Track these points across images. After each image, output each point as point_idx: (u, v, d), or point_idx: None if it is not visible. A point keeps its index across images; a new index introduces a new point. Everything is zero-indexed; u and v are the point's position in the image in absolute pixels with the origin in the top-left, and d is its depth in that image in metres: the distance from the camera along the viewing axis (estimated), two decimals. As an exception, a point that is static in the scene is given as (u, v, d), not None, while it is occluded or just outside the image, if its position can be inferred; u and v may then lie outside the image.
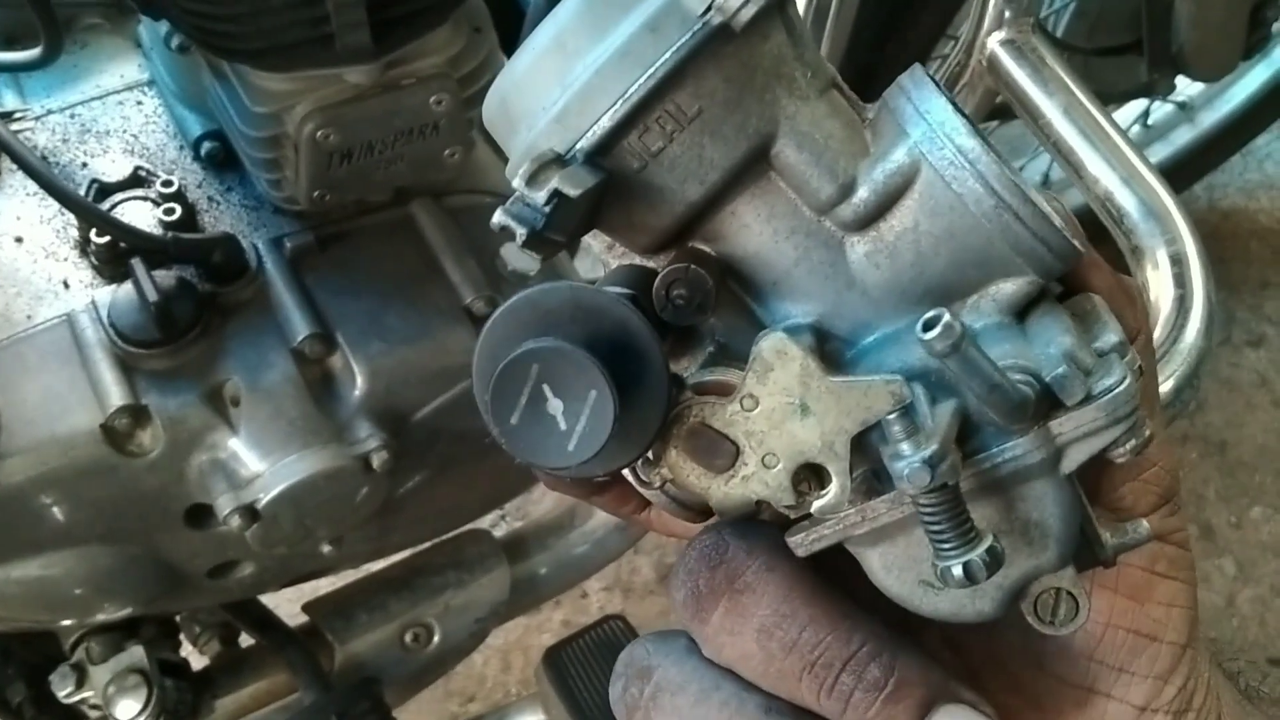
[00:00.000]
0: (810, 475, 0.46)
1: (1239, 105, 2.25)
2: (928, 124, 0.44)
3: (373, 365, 0.98)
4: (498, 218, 0.43)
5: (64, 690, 1.07)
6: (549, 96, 0.45)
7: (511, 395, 0.43)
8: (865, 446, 0.44)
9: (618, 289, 0.46)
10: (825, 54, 1.11)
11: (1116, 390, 0.42)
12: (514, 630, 1.95)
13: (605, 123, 0.44)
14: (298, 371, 0.96)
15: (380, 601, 1.23)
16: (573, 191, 0.43)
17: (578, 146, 0.45)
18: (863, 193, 0.45)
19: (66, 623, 1.06)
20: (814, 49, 0.47)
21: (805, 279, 0.47)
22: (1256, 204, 2.55)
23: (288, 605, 1.27)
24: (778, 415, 0.45)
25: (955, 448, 0.42)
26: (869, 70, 1.46)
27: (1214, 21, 1.52)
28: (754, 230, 0.47)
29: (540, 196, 0.43)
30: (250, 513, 0.94)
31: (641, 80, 0.44)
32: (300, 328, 0.96)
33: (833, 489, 0.45)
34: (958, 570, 0.42)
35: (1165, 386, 0.92)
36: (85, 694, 1.07)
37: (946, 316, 0.39)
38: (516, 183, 0.44)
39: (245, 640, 1.25)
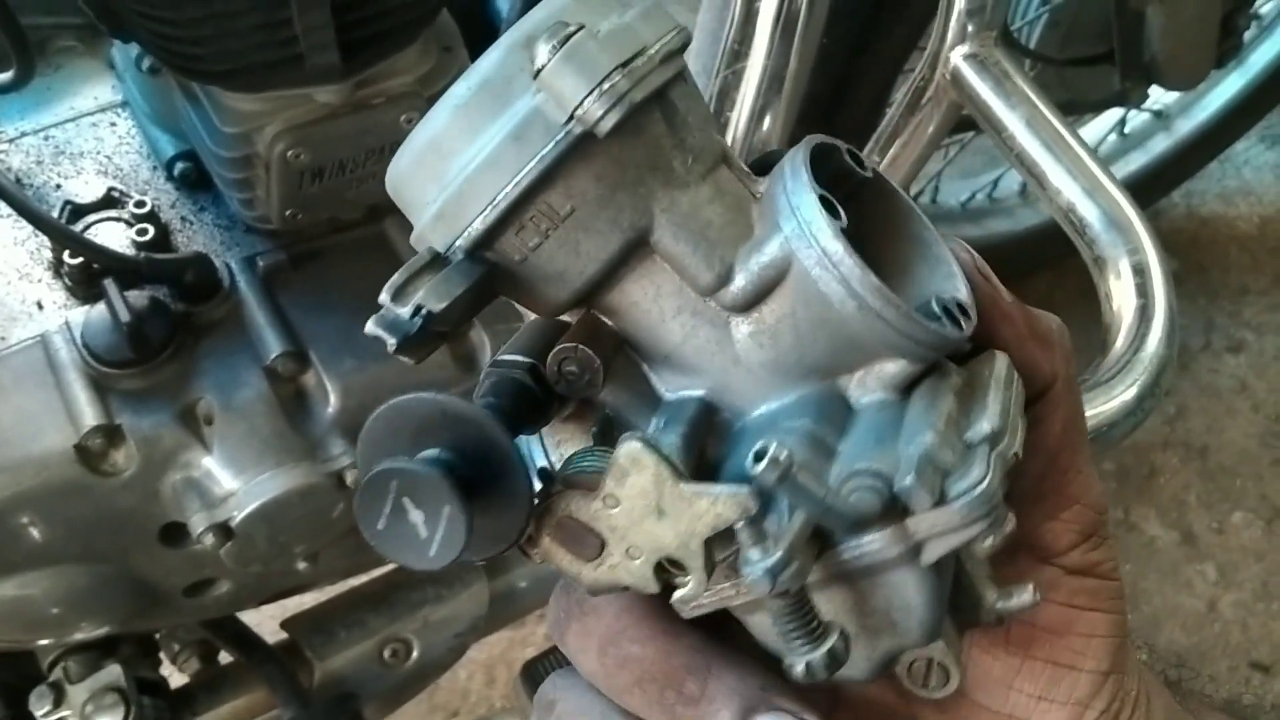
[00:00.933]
0: (674, 562, 0.47)
1: (1215, 113, 2.27)
2: (797, 220, 0.45)
3: (345, 382, 0.99)
4: (370, 327, 0.45)
5: (42, 709, 1.07)
6: (429, 194, 0.47)
7: (376, 505, 0.44)
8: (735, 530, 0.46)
9: (518, 357, 0.48)
10: (793, 69, 1.12)
11: (970, 494, 0.43)
12: (498, 644, 1.95)
13: (478, 225, 0.46)
14: (270, 389, 0.97)
15: (359, 617, 1.23)
16: (437, 306, 0.45)
17: (456, 244, 0.47)
18: (740, 280, 0.47)
19: (44, 642, 1.07)
20: (701, 129, 0.48)
21: (694, 356, 0.49)
22: (1235, 210, 2.57)
23: (270, 623, 1.28)
24: (636, 514, 0.46)
25: (807, 547, 0.43)
26: (841, 83, 1.47)
27: (1185, 31, 1.54)
28: (642, 308, 0.48)
29: (405, 311, 0.45)
30: (224, 531, 0.95)
31: (508, 188, 0.45)
32: (273, 346, 0.97)
33: (691, 583, 0.46)
34: (799, 668, 0.44)
35: (1128, 395, 0.93)
36: (63, 713, 1.07)
37: (773, 449, 0.41)
38: (383, 297, 0.46)
39: (225, 658, 1.25)
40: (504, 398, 0.47)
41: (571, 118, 0.44)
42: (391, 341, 0.45)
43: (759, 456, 0.41)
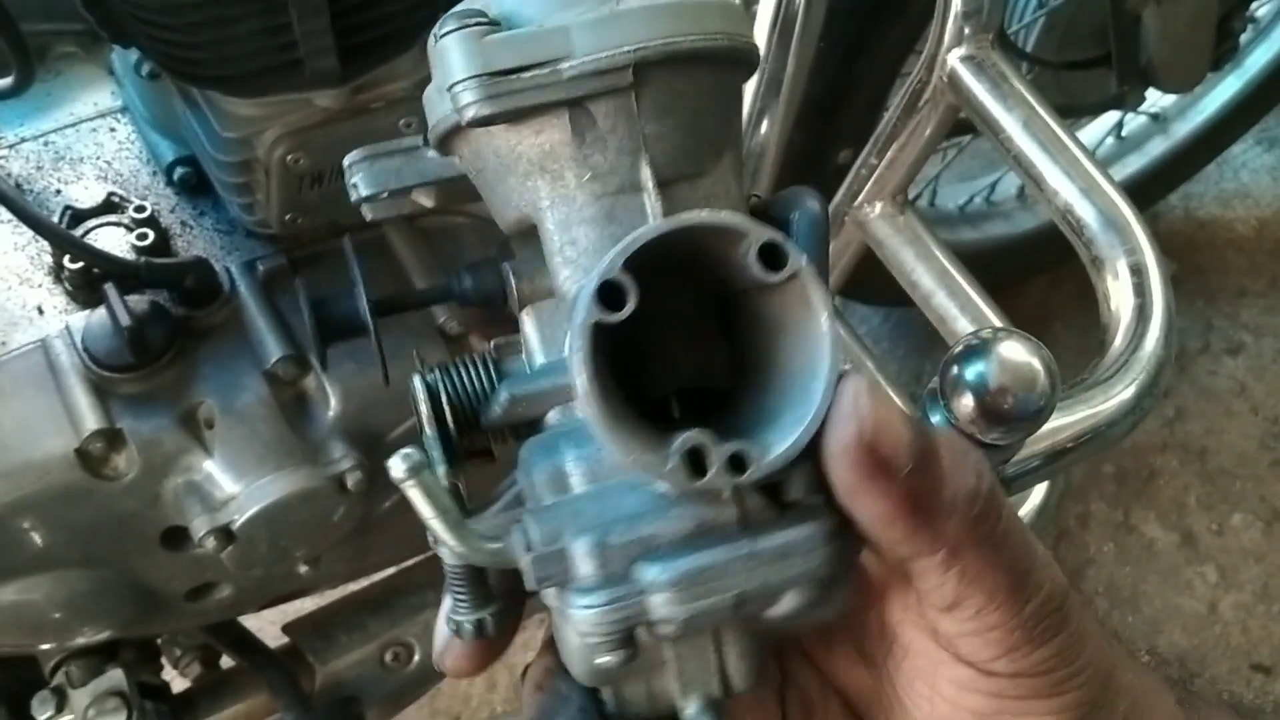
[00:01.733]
0: None
1: (1212, 115, 2.27)
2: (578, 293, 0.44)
3: (346, 386, 0.99)
4: (347, 173, 0.54)
5: (44, 714, 1.07)
6: None
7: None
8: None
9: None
10: (791, 72, 1.13)
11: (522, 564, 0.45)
12: (499, 649, 1.95)
13: (430, 136, 0.51)
14: (271, 393, 0.97)
15: (360, 621, 1.23)
16: (366, 189, 0.53)
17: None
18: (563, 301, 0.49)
19: (46, 646, 1.07)
20: (624, 153, 0.47)
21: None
22: (1233, 213, 2.57)
23: (271, 628, 1.28)
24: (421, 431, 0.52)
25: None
26: (838, 86, 1.48)
27: (1181, 34, 1.54)
28: (550, 270, 0.50)
29: (353, 177, 0.54)
30: (225, 534, 0.95)
31: (430, 129, 0.50)
32: (273, 350, 0.97)
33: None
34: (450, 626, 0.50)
35: (1127, 394, 0.93)
36: (66, 718, 1.08)
37: (410, 454, 0.44)
38: (346, 160, 0.54)
39: (226, 662, 1.25)
40: (460, 280, 0.54)
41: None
42: (354, 196, 0.53)
43: (400, 454, 0.45)
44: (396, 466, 0.44)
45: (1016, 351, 0.65)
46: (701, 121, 0.48)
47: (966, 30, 1.07)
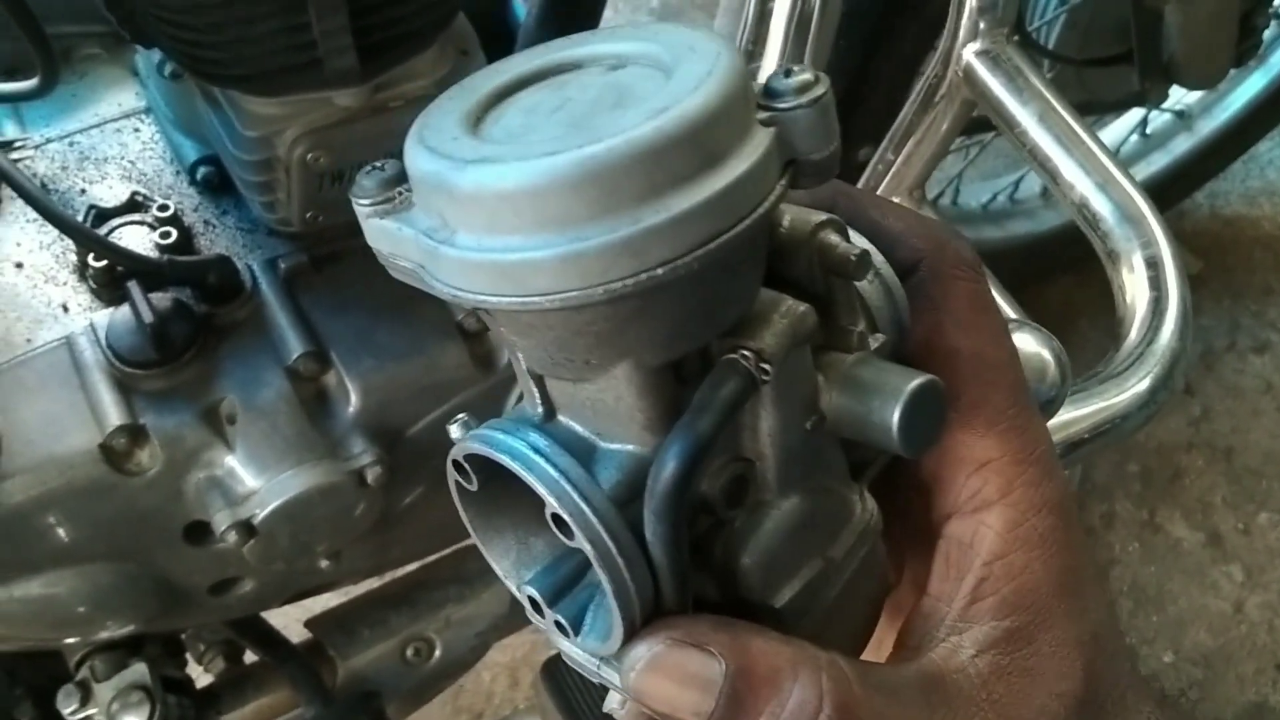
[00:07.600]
0: None
1: (1237, 112, 2.26)
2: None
3: (366, 382, 1.00)
4: None
5: (69, 708, 1.09)
6: None
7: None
8: None
9: None
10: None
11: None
12: (521, 647, 1.96)
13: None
14: (292, 389, 0.98)
15: (381, 617, 1.24)
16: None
17: None
18: None
19: (71, 641, 1.08)
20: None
21: None
22: (1259, 211, 2.55)
23: (294, 625, 1.29)
24: None
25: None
26: (856, 84, 1.48)
27: (1203, 30, 1.53)
28: None
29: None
30: (247, 528, 0.96)
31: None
32: (294, 346, 0.98)
33: None
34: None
35: (1141, 386, 0.93)
36: (90, 711, 1.09)
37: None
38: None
39: (250, 657, 1.26)
40: None
41: None
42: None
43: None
44: None
45: (1027, 343, 0.65)
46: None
47: (982, 25, 1.07)
